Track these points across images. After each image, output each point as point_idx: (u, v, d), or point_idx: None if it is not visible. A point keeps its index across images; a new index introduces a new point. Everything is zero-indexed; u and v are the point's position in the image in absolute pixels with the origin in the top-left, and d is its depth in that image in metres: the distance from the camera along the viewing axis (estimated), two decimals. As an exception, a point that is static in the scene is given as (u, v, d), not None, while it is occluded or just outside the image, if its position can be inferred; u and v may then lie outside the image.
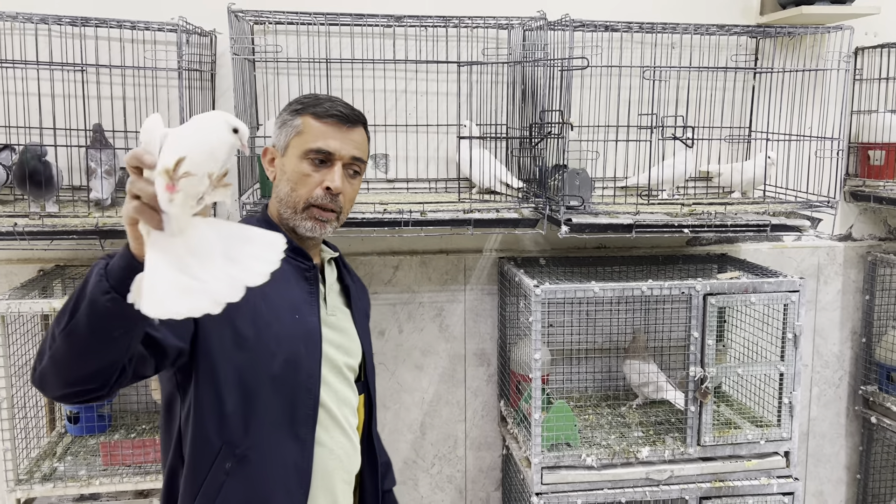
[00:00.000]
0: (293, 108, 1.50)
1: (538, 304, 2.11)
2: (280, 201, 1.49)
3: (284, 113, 1.51)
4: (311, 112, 1.48)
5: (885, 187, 2.59)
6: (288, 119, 1.49)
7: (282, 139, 1.49)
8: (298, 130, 1.47)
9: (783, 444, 2.26)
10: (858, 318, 2.81)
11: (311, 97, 1.53)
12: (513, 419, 2.44)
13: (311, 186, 1.46)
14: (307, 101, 1.51)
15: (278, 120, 1.52)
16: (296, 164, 1.46)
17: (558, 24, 2.15)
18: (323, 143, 1.46)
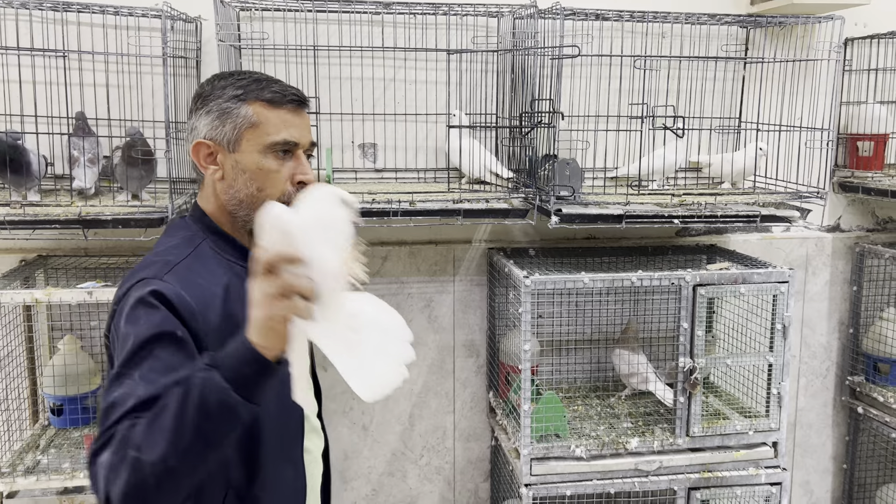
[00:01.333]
0: (231, 93, 1.30)
1: (528, 295, 2.10)
2: (239, 203, 1.32)
3: (220, 101, 1.30)
4: (260, 98, 1.30)
5: (873, 178, 2.60)
6: (230, 108, 1.29)
7: (227, 132, 1.29)
8: (252, 122, 1.29)
9: (771, 435, 2.26)
10: (846, 309, 2.82)
11: (243, 79, 1.32)
12: (502, 410, 2.43)
13: (280, 183, 1.31)
14: (244, 84, 1.31)
15: (213, 109, 1.30)
16: (257, 161, 1.29)
17: (549, 12, 2.12)
18: (287, 133, 1.30)
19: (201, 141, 1.31)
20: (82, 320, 2.35)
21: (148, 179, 2.12)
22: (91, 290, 1.96)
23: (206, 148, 1.31)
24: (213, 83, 1.34)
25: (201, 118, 1.31)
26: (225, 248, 1.34)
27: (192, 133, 1.33)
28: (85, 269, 2.27)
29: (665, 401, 2.36)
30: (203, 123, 1.30)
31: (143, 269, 1.26)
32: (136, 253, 2.37)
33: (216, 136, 1.30)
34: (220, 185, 1.33)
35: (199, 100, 1.33)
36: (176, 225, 1.41)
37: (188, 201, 2.24)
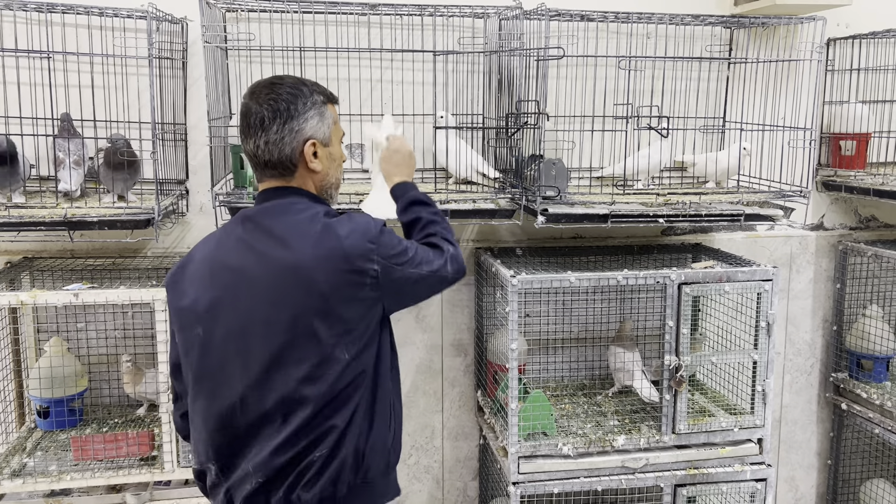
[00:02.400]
0: (319, 97, 1.54)
1: (514, 295, 2.11)
2: (331, 185, 1.59)
3: (317, 106, 1.53)
4: (332, 100, 1.58)
5: (855, 177, 2.63)
6: (322, 110, 1.53)
7: (324, 130, 1.53)
8: (335, 120, 1.56)
9: (756, 432, 2.29)
10: (830, 307, 2.85)
11: (309, 83, 1.55)
12: (490, 409, 2.44)
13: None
14: (320, 89, 1.56)
15: (313, 111, 1.52)
16: (339, 151, 1.60)
17: (534, 13, 2.14)
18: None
19: (312, 140, 1.51)
20: (69, 322, 2.34)
21: (133, 181, 2.12)
22: (77, 292, 1.95)
23: (313, 146, 1.52)
24: (298, 88, 1.51)
25: (305, 122, 1.50)
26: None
27: (292, 135, 1.49)
28: (71, 270, 2.26)
29: (643, 396, 2.38)
30: (308, 126, 1.51)
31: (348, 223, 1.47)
32: (122, 254, 2.36)
33: (317, 134, 1.52)
34: (316, 176, 1.55)
35: (295, 107, 1.50)
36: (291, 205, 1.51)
37: (174, 203, 2.24)
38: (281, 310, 1.41)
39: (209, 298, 1.46)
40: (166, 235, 2.39)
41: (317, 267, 1.41)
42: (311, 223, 1.46)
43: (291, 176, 1.53)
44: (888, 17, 2.65)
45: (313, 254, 1.41)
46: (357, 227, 1.46)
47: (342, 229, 1.45)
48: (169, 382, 1.78)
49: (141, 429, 2.18)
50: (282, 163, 1.50)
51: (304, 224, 1.46)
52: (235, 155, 2.15)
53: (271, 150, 1.49)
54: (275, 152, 1.49)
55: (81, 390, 2.26)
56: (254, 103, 1.49)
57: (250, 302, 1.43)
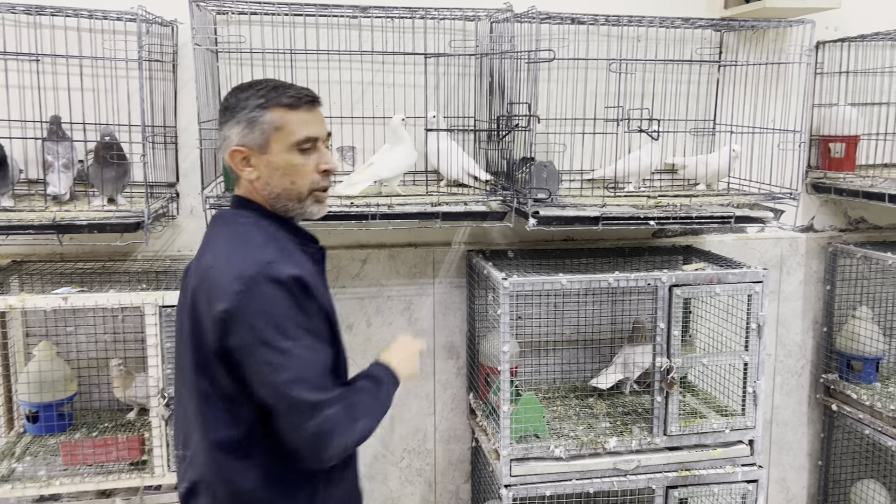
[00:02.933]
0: (256, 103, 1.46)
1: (506, 297, 2.11)
2: (277, 196, 1.49)
3: (246, 111, 1.46)
4: (280, 104, 1.46)
5: (844, 179, 2.64)
6: (256, 116, 1.45)
7: (257, 137, 1.46)
8: (277, 126, 1.46)
9: (747, 433, 2.29)
10: (820, 308, 2.87)
11: (263, 87, 1.48)
12: (482, 412, 2.44)
13: (308, 174, 1.50)
14: (265, 93, 1.47)
15: (241, 119, 1.46)
16: (287, 158, 1.47)
17: (525, 16, 2.14)
18: (307, 131, 1.48)
19: (235, 148, 1.47)
20: (58, 326, 2.33)
21: (122, 182, 2.11)
22: (66, 296, 1.94)
23: (241, 153, 1.47)
24: (236, 96, 1.48)
25: (232, 128, 1.47)
26: (281, 226, 1.51)
27: (224, 142, 1.49)
28: (60, 274, 2.25)
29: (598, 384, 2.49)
30: (234, 133, 1.46)
31: (246, 252, 1.40)
32: (112, 258, 2.35)
33: (247, 142, 1.46)
34: (258, 184, 1.49)
35: (226, 112, 1.49)
36: (232, 215, 1.52)
37: (165, 206, 2.23)
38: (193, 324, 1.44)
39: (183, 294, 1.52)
40: (156, 238, 2.38)
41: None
42: (230, 237, 1.46)
43: (238, 183, 1.52)
44: (876, 20, 2.66)
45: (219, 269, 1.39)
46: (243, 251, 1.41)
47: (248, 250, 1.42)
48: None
49: (131, 433, 2.17)
50: (228, 169, 1.52)
51: (226, 237, 1.47)
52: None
53: (221, 157, 1.53)
54: (221, 159, 1.55)
55: (71, 395, 2.24)
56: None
57: (185, 303, 1.47)
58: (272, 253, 1.40)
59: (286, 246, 1.46)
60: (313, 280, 1.42)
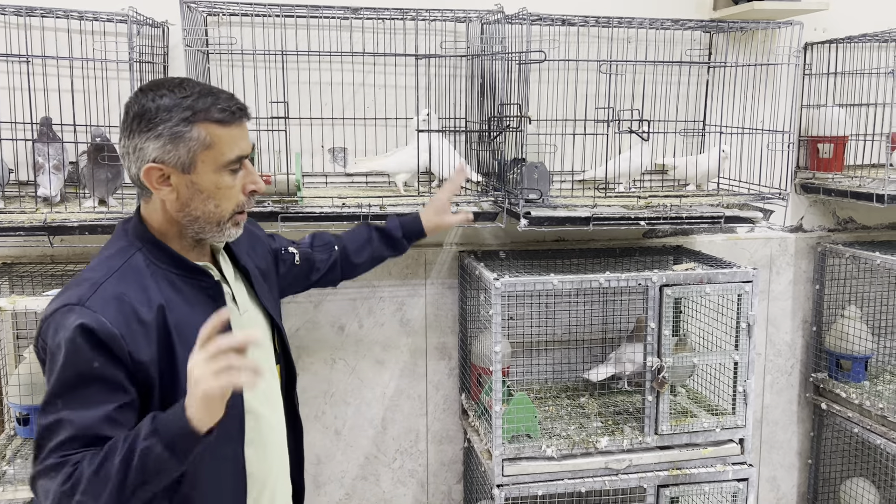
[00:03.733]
0: (180, 116, 1.29)
1: (498, 297, 2.12)
2: (194, 220, 1.36)
3: (168, 124, 1.29)
4: (209, 119, 1.31)
5: (833, 180, 2.66)
6: (181, 132, 1.29)
7: (181, 155, 1.30)
8: (206, 144, 1.31)
9: (738, 432, 2.31)
10: (809, 308, 2.89)
11: (188, 94, 1.31)
12: (474, 412, 2.45)
13: (235, 196, 1.37)
14: (191, 103, 1.31)
15: (163, 132, 1.29)
16: (214, 180, 1.33)
17: (516, 17, 2.15)
18: (239, 149, 1.35)
19: (153, 165, 1.30)
20: (49, 328, 2.32)
21: (115, 184, 2.10)
22: (57, 298, 1.93)
23: (159, 171, 1.31)
24: (154, 101, 1.30)
25: (149, 141, 1.29)
26: (160, 258, 1.38)
27: (136, 153, 1.31)
28: (51, 276, 2.24)
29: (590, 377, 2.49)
30: (153, 147, 1.29)
31: (72, 288, 1.30)
32: (103, 259, 2.34)
33: (169, 159, 1.30)
34: (173, 205, 1.35)
35: (142, 120, 1.30)
36: (116, 233, 1.43)
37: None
38: None
39: None
40: (148, 240, 2.37)
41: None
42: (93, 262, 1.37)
43: (149, 198, 1.38)
44: (864, 21, 2.69)
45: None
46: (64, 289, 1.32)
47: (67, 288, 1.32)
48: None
49: (122, 435, 2.16)
50: (134, 181, 1.36)
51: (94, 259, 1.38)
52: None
53: (124, 163, 1.35)
54: (126, 166, 1.34)
55: (62, 397, 2.24)
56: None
57: None
58: (86, 292, 1.27)
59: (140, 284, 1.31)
60: (109, 331, 1.23)
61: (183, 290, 1.37)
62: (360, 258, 1.95)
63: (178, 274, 1.37)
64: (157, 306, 1.31)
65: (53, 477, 1.20)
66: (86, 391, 1.23)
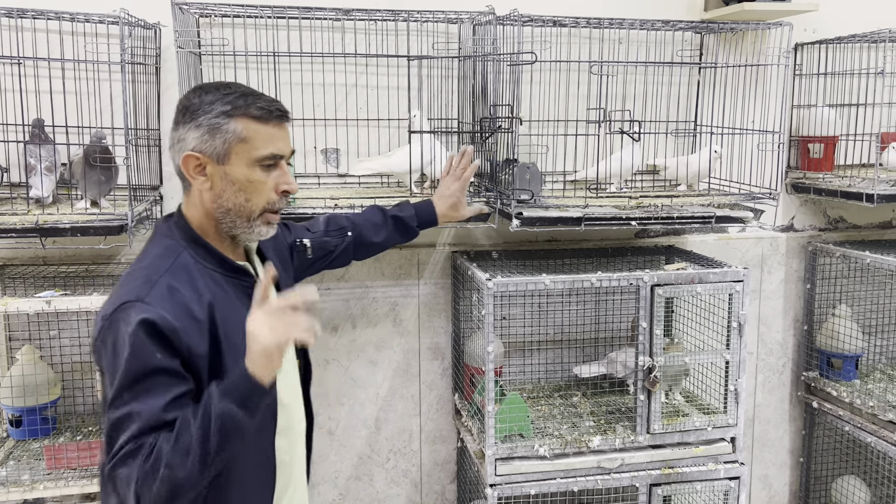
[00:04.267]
0: (220, 109, 1.36)
1: (490, 298, 2.13)
2: (227, 212, 1.41)
3: (209, 116, 1.36)
4: (248, 115, 1.37)
5: (823, 179, 2.68)
6: (220, 123, 1.36)
7: (217, 146, 1.36)
8: (241, 137, 1.36)
9: (729, 431, 2.32)
10: (800, 307, 2.90)
11: (231, 94, 1.39)
12: (467, 412, 2.45)
13: (266, 193, 1.42)
14: (233, 99, 1.37)
15: (202, 123, 1.36)
16: (246, 173, 1.39)
17: (507, 18, 2.16)
18: (274, 147, 1.40)
19: (191, 153, 1.37)
20: (41, 330, 2.32)
21: (108, 186, 2.11)
22: (49, 300, 1.93)
23: (196, 160, 1.37)
24: (200, 97, 1.38)
25: (190, 131, 1.37)
26: (205, 257, 1.42)
27: (178, 144, 1.39)
28: (43, 277, 2.24)
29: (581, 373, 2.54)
30: (192, 136, 1.36)
31: (126, 286, 1.34)
32: (96, 261, 2.34)
33: (206, 149, 1.37)
34: (207, 195, 1.40)
35: (186, 113, 1.38)
36: (160, 231, 1.46)
37: (148, 209, 2.23)
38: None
39: None
40: (140, 241, 2.36)
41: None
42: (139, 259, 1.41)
43: (188, 191, 1.44)
44: (853, 22, 2.70)
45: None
46: (118, 287, 1.35)
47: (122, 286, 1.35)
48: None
49: (115, 436, 2.16)
50: (177, 172, 1.43)
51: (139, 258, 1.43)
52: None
53: (170, 156, 1.44)
54: (171, 159, 1.44)
55: (54, 399, 2.24)
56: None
57: None
58: (144, 289, 1.31)
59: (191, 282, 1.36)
60: (170, 325, 1.28)
61: (227, 289, 1.41)
62: (373, 242, 1.99)
63: (221, 273, 1.42)
64: (206, 304, 1.36)
65: (132, 462, 1.24)
66: (151, 382, 1.27)
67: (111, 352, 1.28)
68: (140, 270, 1.37)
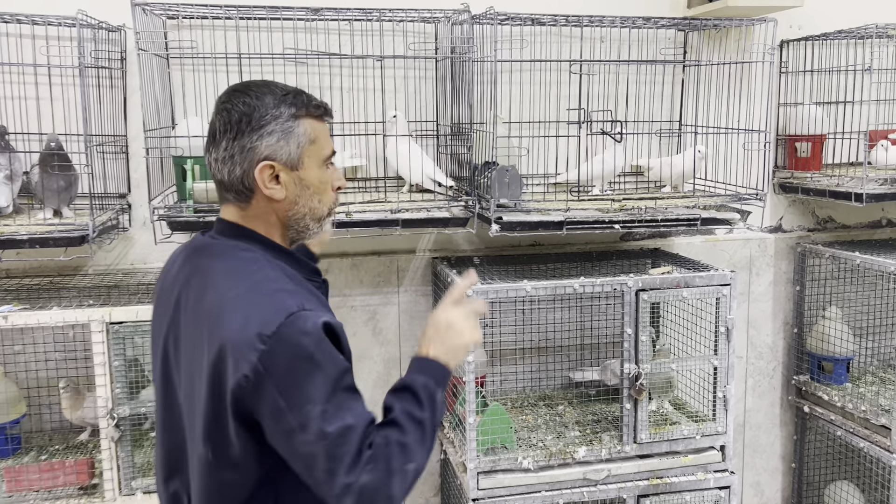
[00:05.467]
0: (289, 111, 1.29)
1: (470, 306, 2.05)
2: (301, 217, 1.34)
3: (280, 121, 1.28)
4: (310, 115, 1.32)
5: (811, 179, 2.62)
6: (291, 126, 1.28)
7: (292, 150, 1.29)
8: (311, 138, 1.30)
9: (718, 439, 2.26)
10: (790, 309, 2.84)
11: (288, 92, 1.32)
12: (449, 423, 2.38)
13: (330, 192, 1.37)
14: (293, 99, 1.31)
15: (275, 129, 1.28)
16: (318, 175, 1.33)
17: (483, 17, 2.09)
18: (331, 145, 1.37)
19: (267, 163, 1.28)
20: (4, 345, 2.23)
21: (69, 194, 2.02)
22: (6, 315, 1.85)
23: (271, 169, 1.28)
24: (257, 100, 1.28)
25: (261, 139, 1.27)
26: (292, 263, 1.35)
27: (244, 153, 1.28)
28: (5, 290, 2.16)
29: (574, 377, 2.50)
30: (265, 144, 1.27)
31: (259, 303, 1.21)
32: (62, 273, 2.26)
33: (280, 155, 1.28)
34: (282, 204, 1.31)
35: (251, 119, 1.27)
36: (227, 250, 1.32)
37: (114, 218, 2.15)
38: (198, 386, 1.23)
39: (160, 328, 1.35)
40: (108, 252, 2.29)
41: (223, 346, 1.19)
42: (236, 277, 1.25)
43: (248, 203, 1.31)
44: (840, 18, 2.65)
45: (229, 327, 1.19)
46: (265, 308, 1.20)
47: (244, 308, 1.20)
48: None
49: (80, 456, 2.08)
50: (234, 185, 1.29)
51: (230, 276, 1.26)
52: (178, 166, 2.06)
53: (221, 169, 1.28)
54: (224, 171, 1.28)
55: (19, 416, 2.15)
56: (214, 112, 1.30)
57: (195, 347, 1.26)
58: (295, 298, 1.22)
59: (301, 285, 1.30)
60: (339, 324, 1.25)
61: (314, 291, 1.35)
62: None
63: (306, 277, 1.37)
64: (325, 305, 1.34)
65: (377, 466, 1.19)
66: (348, 384, 1.22)
67: (287, 368, 1.17)
68: (257, 286, 1.24)
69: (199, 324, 1.23)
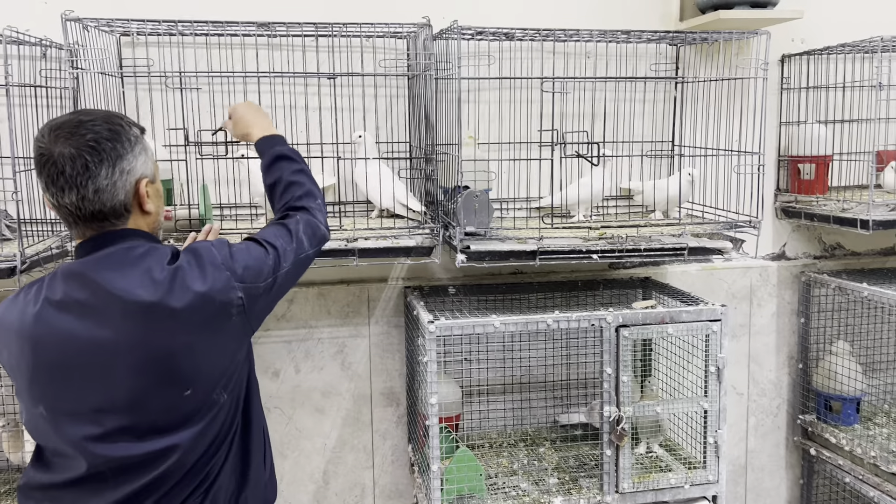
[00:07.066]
0: (137, 131, 1.40)
1: (433, 342, 1.89)
2: (160, 225, 1.49)
3: (141, 138, 1.39)
4: (143, 130, 1.44)
5: (817, 203, 2.42)
6: (145, 144, 1.40)
7: (150, 165, 1.41)
8: (151, 151, 1.45)
9: (710, 488, 2.06)
10: (794, 343, 2.63)
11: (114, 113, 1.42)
12: (419, 467, 2.21)
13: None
14: (128, 119, 1.41)
15: (145, 148, 1.39)
16: (160, 184, 1.48)
17: (449, 32, 1.94)
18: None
19: (146, 179, 1.37)
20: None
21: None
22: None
23: (146, 185, 1.38)
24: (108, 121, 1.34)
25: (136, 158, 1.35)
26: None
27: (125, 176, 1.33)
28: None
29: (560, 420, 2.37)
30: (140, 162, 1.36)
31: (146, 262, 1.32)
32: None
33: (147, 172, 1.38)
34: (150, 217, 1.41)
35: (123, 142, 1.34)
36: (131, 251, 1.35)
37: (59, 245, 2.02)
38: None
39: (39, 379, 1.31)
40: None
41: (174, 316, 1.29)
42: (157, 270, 1.32)
43: (123, 223, 1.37)
44: (844, 30, 2.45)
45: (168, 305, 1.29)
46: (205, 261, 1.36)
47: (193, 272, 1.33)
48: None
49: (14, 502, 1.93)
50: (114, 210, 1.33)
51: (147, 271, 1.31)
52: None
53: (103, 199, 1.30)
54: (107, 200, 1.31)
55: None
56: (62, 147, 1.27)
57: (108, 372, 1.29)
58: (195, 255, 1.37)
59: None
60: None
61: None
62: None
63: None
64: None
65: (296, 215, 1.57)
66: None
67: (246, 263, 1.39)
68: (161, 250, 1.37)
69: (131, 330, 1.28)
